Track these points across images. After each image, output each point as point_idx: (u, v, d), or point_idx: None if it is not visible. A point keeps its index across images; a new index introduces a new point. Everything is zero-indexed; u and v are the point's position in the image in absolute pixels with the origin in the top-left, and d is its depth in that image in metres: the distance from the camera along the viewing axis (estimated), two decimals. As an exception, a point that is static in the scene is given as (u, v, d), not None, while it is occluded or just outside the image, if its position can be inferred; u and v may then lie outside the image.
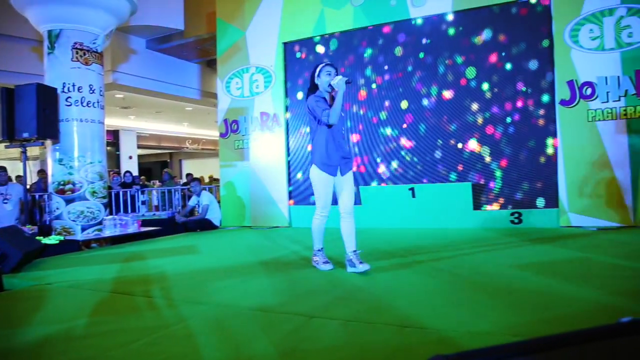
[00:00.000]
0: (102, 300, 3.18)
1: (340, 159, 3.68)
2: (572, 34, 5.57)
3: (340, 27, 6.94)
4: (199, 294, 3.23)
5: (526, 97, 5.94)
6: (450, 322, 2.30)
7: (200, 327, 2.47)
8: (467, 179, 6.19)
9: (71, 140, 6.26)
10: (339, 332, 2.27)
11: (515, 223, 5.91)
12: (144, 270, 4.20)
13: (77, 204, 6.27)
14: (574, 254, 4.09)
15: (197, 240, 6.16)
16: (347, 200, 3.72)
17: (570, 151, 5.60)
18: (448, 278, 3.33)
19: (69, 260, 4.96)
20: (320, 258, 3.82)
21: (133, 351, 2.16)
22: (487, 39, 6.14)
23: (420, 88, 6.48)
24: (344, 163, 3.72)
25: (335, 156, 3.65)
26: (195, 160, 23.27)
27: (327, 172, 3.65)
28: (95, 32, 6.46)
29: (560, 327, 2.14)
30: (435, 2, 6.31)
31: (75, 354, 2.16)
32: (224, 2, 7.87)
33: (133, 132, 17.24)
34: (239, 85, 7.65)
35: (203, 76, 12.09)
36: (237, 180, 7.66)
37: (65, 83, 6.24)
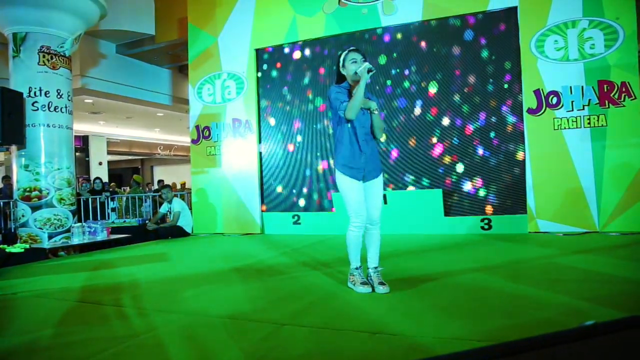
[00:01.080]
0: (69, 309, 3.10)
1: (366, 162, 3.18)
2: (537, 44, 5.74)
3: (312, 35, 6.98)
4: (169, 302, 3.19)
5: (494, 106, 6.08)
6: (421, 328, 2.33)
7: (170, 336, 2.43)
8: (438, 186, 6.28)
9: (38, 146, 6.11)
10: (309, 339, 2.27)
11: (485, 229, 6.02)
12: (113, 279, 4.11)
13: (43, 211, 6.11)
14: (542, 260, 4.18)
15: (168, 248, 6.07)
16: (372, 209, 3.24)
17: (537, 158, 5.75)
18: (418, 284, 3.37)
19: (35, 269, 4.82)
20: (357, 278, 3.20)
21: (100, 362, 2.11)
22: (456, 47, 6.26)
23: (390, 96, 6.56)
24: (371, 167, 3.21)
25: (359, 158, 3.16)
26: (167, 166, 22.96)
27: (350, 175, 3.16)
28: (62, 36, 6.34)
29: (530, 332, 2.19)
30: (405, 11, 6.41)
31: (39, 366, 2.11)
32: (196, 8, 7.82)
33: (103, 138, 16.91)
34: (210, 91, 7.60)
35: (174, 82, 11.95)
36: (209, 187, 7.59)
37: (32, 87, 6.10)
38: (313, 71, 7.04)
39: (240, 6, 7.41)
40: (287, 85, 7.21)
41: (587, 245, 4.77)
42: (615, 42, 5.40)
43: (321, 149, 6.95)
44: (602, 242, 4.90)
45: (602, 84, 5.44)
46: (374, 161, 3.24)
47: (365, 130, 3.21)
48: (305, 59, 7.12)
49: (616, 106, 5.40)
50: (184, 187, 13.07)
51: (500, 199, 6.05)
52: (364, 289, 3.11)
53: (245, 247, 5.78)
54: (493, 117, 6.09)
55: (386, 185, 6.49)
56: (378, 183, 3.26)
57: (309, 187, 7.03)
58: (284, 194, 7.20)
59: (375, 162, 3.26)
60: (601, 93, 5.45)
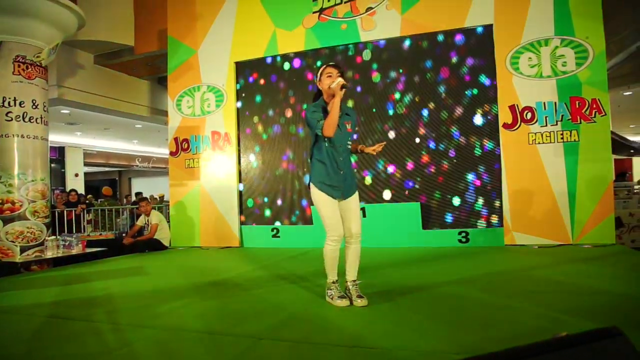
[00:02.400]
0: (39, 325, 3.02)
1: (344, 180, 3.21)
2: (512, 61, 5.88)
3: (292, 48, 7.02)
4: (144, 317, 3.13)
5: (471, 120, 6.18)
6: (400, 341, 2.34)
7: (145, 351, 2.39)
8: (416, 199, 6.34)
9: (11, 157, 5.99)
10: (288, 353, 2.25)
11: (462, 242, 6.08)
12: (87, 293, 4.03)
13: (16, 224, 5.97)
14: (518, 272, 4.24)
15: (145, 261, 5.97)
16: (353, 224, 3.24)
17: (513, 172, 5.85)
18: (396, 297, 3.38)
19: (6, 284, 4.69)
20: (335, 292, 3.21)
21: (72, 379, 2.06)
22: (432, 63, 6.38)
23: (369, 110, 6.62)
24: (349, 185, 3.24)
25: (338, 176, 3.18)
26: (145, 178, 22.68)
27: (328, 193, 3.17)
28: (39, 45, 6.25)
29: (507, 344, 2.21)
30: (384, 27, 6.51)
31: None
32: (176, 20, 7.80)
33: (80, 149, 16.65)
34: (190, 103, 7.57)
35: (153, 93, 11.86)
36: (188, 200, 7.52)
37: (6, 97, 6.00)
38: (292, 85, 7.07)
39: (221, 19, 7.42)
40: (267, 99, 7.23)
41: (561, 257, 4.85)
42: (586, 60, 5.57)
43: (302, 162, 6.95)
44: (576, 254, 4.99)
45: (574, 100, 5.59)
46: (352, 178, 3.29)
47: (343, 148, 3.23)
48: (285, 72, 7.15)
49: (587, 122, 5.55)
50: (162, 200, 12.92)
51: (477, 213, 6.13)
52: (341, 302, 3.11)
53: (223, 261, 5.73)
54: (470, 131, 6.19)
55: (363, 199, 6.53)
56: (355, 198, 3.29)
57: (289, 201, 7.02)
58: (264, 207, 7.17)
59: (353, 179, 3.31)
60: (573, 109, 5.59)
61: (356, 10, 6.65)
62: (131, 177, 23.24)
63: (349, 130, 3.24)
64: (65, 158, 16.15)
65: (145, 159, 20.62)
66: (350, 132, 3.25)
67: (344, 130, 3.21)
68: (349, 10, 6.69)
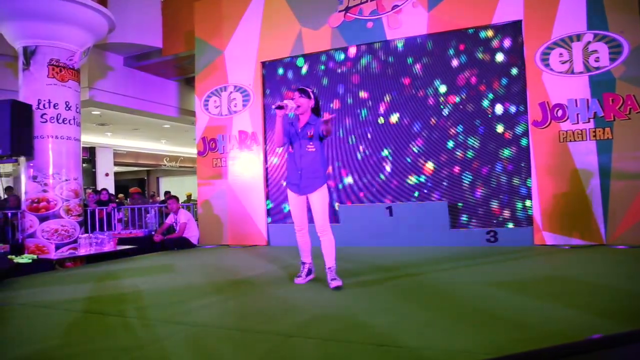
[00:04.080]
0: (75, 320, 3.12)
1: (299, 179, 3.83)
2: (543, 57, 5.76)
3: (317, 48, 7.04)
4: (175, 313, 3.19)
5: (500, 118, 6.10)
6: (428, 341, 2.33)
7: (176, 347, 2.43)
8: (444, 198, 6.28)
9: (46, 157, 6.16)
10: (316, 351, 2.27)
11: (491, 242, 6.00)
12: (119, 290, 4.13)
13: (51, 222, 6.14)
14: (548, 273, 4.17)
15: (174, 259, 6.08)
16: (315, 221, 3.82)
17: (543, 171, 5.74)
18: (425, 297, 3.36)
19: (42, 280, 4.85)
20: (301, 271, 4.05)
21: (107, 373, 2.12)
22: (460, 61, 6.30)
23: (395, 109, 6.59)
24: (305, 183, 3.82)
25: (292, 176, 3.90)
26: (173, 177, 23.04)
27: (290, 189, 3.95)
28: (72, 49, 6.42)
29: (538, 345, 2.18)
30: (410, 24, 6.46)
31: (46, 377, 2.12)
32: (203, 21, 7.91)
33: (110, 149, 17.02)
34: (217, 103, 7.66)
35: (181, 94, 12.05)
36: (215, 199, 7.62)
37: (41, 100, 6.16)
38: (318, 84, 7.09)
39: (247, 20, 7.49)
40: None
41: (594, 258, 4.75)
42: (620, 55, 5.42)
43: (328, 160, 6.95)
44: (609, 255, 4.88)
45: (607, 97, 5.45)
46: (312, 179, 3.81)
47: (303, 151, 3.83)
48: (310, 71, 7.17)
49: (622, 119, 5.40)
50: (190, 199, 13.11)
51: (506, 212, 6.03)
52: (296, 280, 3.99)
53: (251, 259, 5.78)
54: (499, 129, 6.10)
55: (395, 198, 6.50)
56: (316, 197, 3.81)
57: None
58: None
59: (311, 179, 3.82)
60: (606, 106, 5.45)
61: (382, 8, 6.62)
62: (159, 177, 23.62)
63: (309, 136, 3.83)
64: (96, 158, 16.52)
65: (173, 159, 20.95)
66: (311, 137, 3.82)
67: (304, 137, 3.85)
68: (375, 8, 6.66)
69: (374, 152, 6.70)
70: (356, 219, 6.63)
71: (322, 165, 3.88)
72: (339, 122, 6.92)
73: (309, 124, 3.87)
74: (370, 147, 6.73)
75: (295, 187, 3.87)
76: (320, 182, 3.82)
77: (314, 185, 3.81)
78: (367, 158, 6.73)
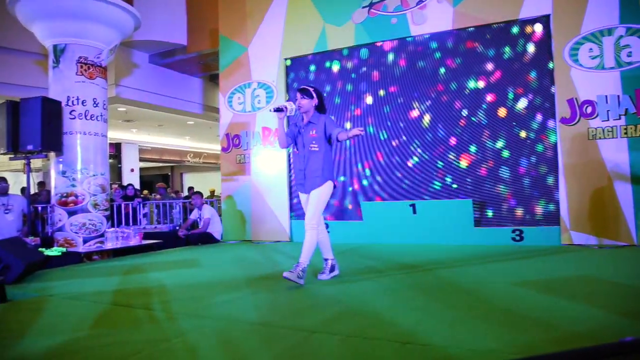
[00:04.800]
0: (103, 312, 3.18)
1: (304, 179, 3.91)
2: (571, 52, 5.63)
3: (341, 44, 7.02)
4: (199, 307, 3.23)
5: (527, 115, 5.99)
6: (453, 339, 2.30)
7: (201, 341, 2.46)
8: (468, 196, 6.20)
9: (74, 153, 6.29)
10: (340, 347, 2.27)
11: (516, 240, 5.91)
12: (145, 283, 4.19)
13: (79, 216, 6.28)
14: (576, 272, 4.09)
15: (198, 254, 6.15)
16: (306, 212, 3.88)
17: (571, 169, 5.62)
18: (449, 295, 3.33)
19: (71, 272, 4.96)
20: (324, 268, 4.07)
21: (135, 364, 2.16)
22: (486, 57, 6.21)
23: (420, 106, 6.53)
24: (308, 184, 3.89)
25: (298, 176, 4.00)
26: (196, 173, 23.29)
27: (298, 189, 4.06)
28: (99, 47, 6.54)
29: (565, 346, 2.14)
30: (435, 20, 6.39)
31: (77, 367, 2.17)
32: (227, 18, 7.96)
33: (135, 145, 17.30)
34: (241, 100, 7.71)
35: (205, 91, 12.17)
36: (238, 195, 7.68)
37: (70, 96, 6.30)
38: (343, 80, 7.07)
39: (271, 16, 7.51)
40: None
41: (624, 259, 4.63)
42: (654, 50, 5.27)
43: (351, 157, 6.95)
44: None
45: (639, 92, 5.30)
46: (312, 177, 3.87)
47: (306, 151, 3.88)
48: (334, 68, 7.16)
49: (655, 116, 5.26)
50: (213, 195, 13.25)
51: (532, 210, 5.93)
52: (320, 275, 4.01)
53: (273, 255, 5.81)
54: (525, 126, 5.99)
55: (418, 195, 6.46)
56: (315, 193, 3.84)
57: (339, 196, 7.04)
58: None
59: (312, 179, 3.87)
60: (639, 102, 5.30)
61: (406, 4, 6.57)
62: (183, 172, 23.91)
63: (312, 135, 3.87)
64: (121, 154, 16.81)
65: (197, 155, 21.17)
66: (313, 136, 3.86)
67: (306, 137, 3.90)
68: (399, 4, 6.61)
69: (398, 148, 6.65)
70: (379, 216, 6.60)
71: (326, 164, 3.89)
72: (362, 119, 6.90)
73: (311, 123, 3.90)
74: (395, 143, 6.68)
75: (301, 187, 3.95)
76: (322, 180, 3.85)
77: (316, 183, 3.85)
78: (390, 155, 6.69)
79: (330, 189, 3.92)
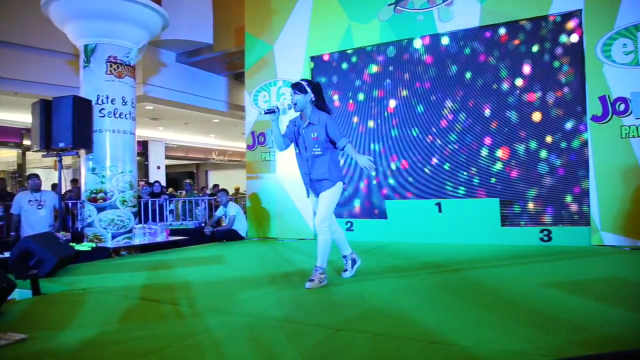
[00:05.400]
0: (131, 306, 3.25)
1: (309, 183, 3.81)
2: (604, 48, 5.49)
3: (367, 42, 6.99)
4: (225, 303, 3.27)
5: (556, 113, 5.86)
6: (480, 340, 2.27)
7: (227, 336, 2.49)
8: (495, 195, 6.11)
9: (104, 150, 6.43)
10: (366, 345, 2.26)
11: (544, 241, 5.80)
12: (172, 279, 4.26)
13: (108, 212, 6.41)
14: (607, 274, 3.99)
15: (224, 251, 6.22)
16: (317, 214, 3.77)
17: (602, 168, 5.49)
18: (475, 295, 3.29)
19: (100, 267, 5.07)
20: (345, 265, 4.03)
21: (164, 357, 2.19)
22: (515, 53, 6.10)
23: (447, 103, 6.46)
24: (314, 188, 3.81)
25: (303, 178, 3.87)
26: (221, 171, 23.54)
27: (306, 192, 3.92)
28: (128, 46, 6.66)
29: (594, 350, 2.10)
30: (462, 17, 6.31)
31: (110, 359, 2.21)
32: (253, 17, 8.01)
33: (161, 143, 17.57)
34: (266, 98, 7.75)
35: (231, 89, 12.29)
36: (263, 192, 7.73)
37: (99, 95, 6.43)
38: (368, 78, 7.04)
39: (296, 15, 7.53)
40: (340, 93, 7.25)
41: (657, 260, 4.50)
42: (691, 45, 5.10)
43: (376, 155, 6.92)
44: (674, 257, 4.62)
45: (675, 90, 5.14)
46: (318, 181, 3.74)
47: (309, 154, 3.73)
48: (359, 65, 7.13)
49: (691, 113, 5.09)
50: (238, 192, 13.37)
51: (561, 210, 5.81)
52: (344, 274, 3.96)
53: (298, 252, 5.83)
54: (555, 124, 5.87)
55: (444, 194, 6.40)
56: (324, 194, 3.72)
57: (363, 194, 7.02)
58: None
59: (320, 182, 3.74)
60: (674, 99, 5.14)
61: (433, 1, 6.49)
62: (208, 170, 24.19)
63: (314, 138, 3.68)
64: (148, 151, 17.10)
65: (222, 152, 21.39)
66: (316, 139, 3.66)
67: (308, 140, 3.71)
68: (426, 1, 6.54)
69: (425, 147, 6.60)
70: (404, 214, 6.56)
71: (333, 166, 3.74)
72: (388, 119, 6.85)
73: (311, 125, 3.69)
74: (421, 141, 6.63)
75: (307, 189, 3.90)
76: (330, 183, 3.70)
77: (324, 186, 3.72)
78: (417, 153, 6.64)
79: (340, 190, 3.77)
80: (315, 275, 3.63)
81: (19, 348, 2.38)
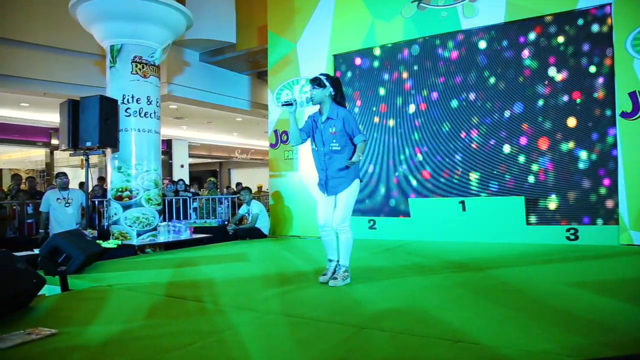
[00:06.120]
0: (157, 303, 3.30)
1: (325, 179, 3.68)
2: (634, 43, 5.34)
3: (390, 39, 6.95)
4: (248, 301, 3.29)
5: (585, 109, 5.74)
6: (505, 340, 2.25)
7: (251, 333, 2.51)
8: (520, 193, 6.01)
9: (129, 149, 6.54)
10: (389, 344, 2.26)
11: (571, 240, 5.68)
12: (196, 276, 4.31)
13: (133, 210, 6.53)
14: (636, 274, 3.89)
15: (247, 248, 6.26)
16: (336, 214, 3.68)
17: (632, 166, 5.35)
18: (500, 294, 3.25)
19: (126, 264, 5.16)
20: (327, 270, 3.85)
21: (189, 354, 2.22)
22: (542, 49, 5.98)
23: (473, 100, 6.38)
24: (332, 184, 3.65)
25: (321, 174, 3.73)
26: (243, 169, 23.70)
27: (319, 189, 3.80)
28: (153, 47, 6.76)
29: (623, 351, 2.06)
30: (487, 13, 6.22)
31: (136, 355, 2.25)
32: (275, 15, 8.04)
33: (185, 142, 17.76)
34: (289, 96, 7.77)
35: (253, 87, 12.36)
36: (286, 190, 7.76)
37: (125, 95, 6.55)
38: (391, 75, 7.00)
39: (319, 13, 7.53)
40: (362, 91, 7.23)
41: (690, 260, 4.37)
42: None
43: (399, 153, 6.88)
44: None
45: None
46: (334, 179, 3.64)
47: (327, 150, 3.64)
48: (382, 63, 7.09)
49: None
50: (260, 190, 13.43)
51: (588, 208, 5.68)
52: (320, 278, 3.76)
53: (320, 250, 5.81)
54: (583, 121, 5.74)
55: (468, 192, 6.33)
56: (343, 194, 3.63)
57: (386, 192, 6.99)
58: (360, 198, 7.19)
59: (337, 179, 3.63)
60: None
61: (457, -4, 6.42)
62: (231, 168, 24.38)
63: (332, 133, 3.60)
64: (172, 150, 17.32)
65: (244, 151, 21.54)
66: (334, 134, 3.59)
67: (326, 134, 3.63)
68: (449, -3, 6.47)
69: (447, 144, 6.53)
70: (428, 212, 6.51)
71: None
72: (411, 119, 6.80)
73: (330, 119, 3.64)
74: (444, 138, 6.56)
75: (323, 187, 3.72)
76: (349, 181, 3.62)
77: (342, 184, 3.63)
78: (440, 150, 6.58)
79: (358, 188, 3.72)
80: (339, 274, 3.64)
81: (49, 343, 2.43)
